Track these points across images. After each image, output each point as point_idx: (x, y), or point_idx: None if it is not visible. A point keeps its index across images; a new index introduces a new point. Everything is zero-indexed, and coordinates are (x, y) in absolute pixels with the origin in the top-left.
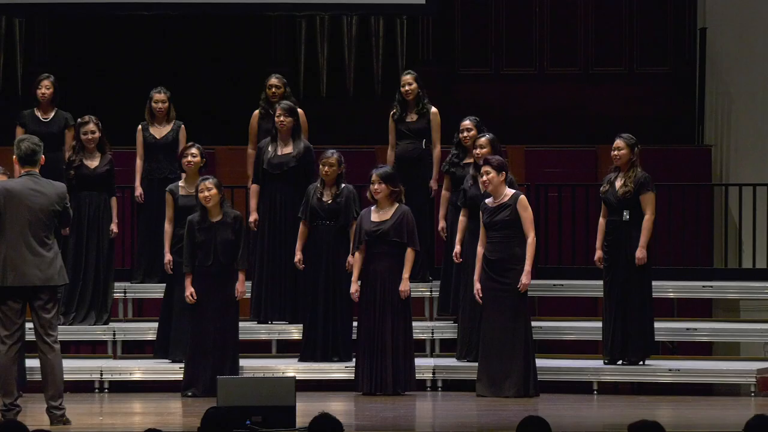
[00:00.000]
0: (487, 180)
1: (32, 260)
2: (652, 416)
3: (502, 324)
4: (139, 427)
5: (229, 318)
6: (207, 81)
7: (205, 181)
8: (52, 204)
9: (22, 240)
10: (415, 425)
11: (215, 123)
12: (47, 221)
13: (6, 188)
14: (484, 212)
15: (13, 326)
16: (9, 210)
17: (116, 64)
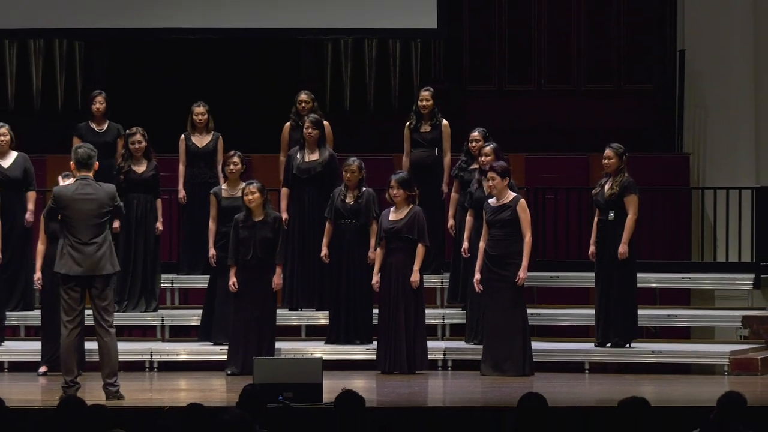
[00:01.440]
0: (492, 184)
1: (86, 253)
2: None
3: (502, 312)
4: (184, 402)
5: (267, 306)
6: (244, 96)
7: (250, 185)
8: (102, 204)
9: (77, 236)
10: (428, 400)
11: (251, 133)
12: (99, 219)
13: (60, 192)
14: (487, 211)
15: (73, 312)
16: (67, 211)
17: (163, 81)
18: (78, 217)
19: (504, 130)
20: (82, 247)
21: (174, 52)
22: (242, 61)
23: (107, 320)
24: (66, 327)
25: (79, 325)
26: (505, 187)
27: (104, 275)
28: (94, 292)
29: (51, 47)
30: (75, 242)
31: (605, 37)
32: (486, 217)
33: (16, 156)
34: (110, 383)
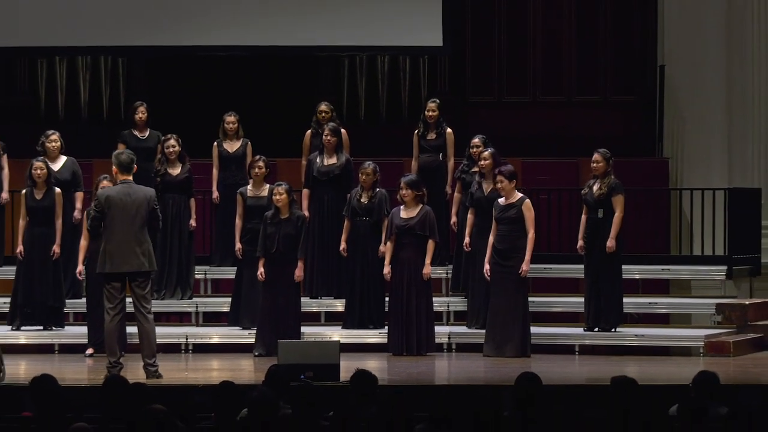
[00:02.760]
0: (500, 186)
1: (126, 252)
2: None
3: (506, 299)
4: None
5: (290, 295)
6: (269, 106)
7: (279, 186)
8: (142, 206)
9: (119, 236)
10: (435, 379)
11: (277, 140)
12: (139, 220)
13: (107, 195)
14: (496, 209)
15: (115, 300)
16: (109, 212)
17: (197, 92)
18: (120, 218)
19: (503, 138)
20: (120, 247)
21: (207, 68)
22: (268, 75)
23: (146, 307)
24: (109, 313)
25: (120, 311)
26: (513, 189)
27: (145, 272)
28: (134, 283)
29: (97, 63)
30: (114, 241)
31: (593, 54)
32: (495, 214)
33: (66, 160)
34: (150, 363)
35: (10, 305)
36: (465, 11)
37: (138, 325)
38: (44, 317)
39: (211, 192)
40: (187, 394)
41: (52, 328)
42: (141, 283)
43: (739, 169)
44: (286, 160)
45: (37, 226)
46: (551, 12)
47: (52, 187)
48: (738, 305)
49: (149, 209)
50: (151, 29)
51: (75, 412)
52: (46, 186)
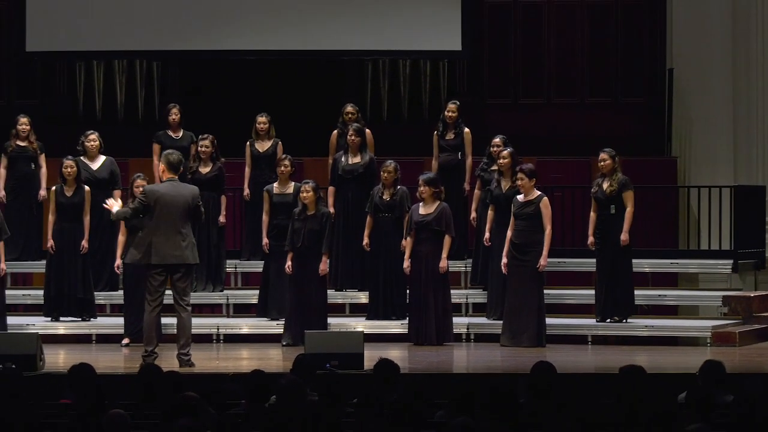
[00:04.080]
0: (521, 183)
1: (170, 245)
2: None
3: (522, 291)
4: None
5: (315, 287)
6: (298, 108)
7: (306, 184)
8: (187, 203)
9: (164, 229)
10: (453, 368)
11: (304, 139)
12: (183, 216)
13: (155, 190)
14: (515, 205)
15: (156, 293)
16: (156, 207)
17: (229, 94)
18: (166, 213)
19: (518, 137)
20: (166, 240)
21: (238, 71)
22: (296, 78)
23: (185, 300)
24: (149, 305)
25: (160, 303)
26: (532, 186)
27: (187, 264)
28: (175, 276)
29: (133, 66)
30: (161, 235)
31: (605, 58)
32: (513, 210)
33: (104, 159)
34: (183, 353)
35: (44, 297)
36: (483, 18)
37: (176, 316)
38: (75, 309)
39: (242, 189)
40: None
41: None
42: (182, 276)
43: (744, 167)
44: (313, 159)
45: (66, 222)
46: (564, 19)
47: (82, 185)
48: (743, 297)
49: (193, 206)
50: (184, 34)
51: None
52: (76, 184)
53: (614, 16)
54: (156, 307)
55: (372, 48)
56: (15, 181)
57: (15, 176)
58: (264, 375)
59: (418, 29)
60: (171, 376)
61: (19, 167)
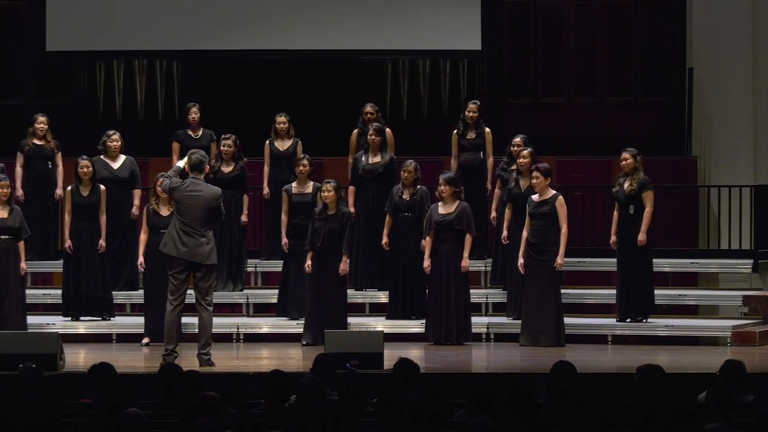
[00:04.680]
0: (536, 182)
1: (188, 242)
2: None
3: (540, 291)
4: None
5: (335, 287)
6: (317, 107)
7: (327, 183)
8: (209, 202)
9: (184, 226)
10: (473, 367)
11: (324, 139)
12: (204, 215)
13: (174, 186)
14: (530, 205)
15: (177, 293)
16: (177, 203)
17: (249, 94)
18: (186, 210)
19: (538, 137)
20: (186, 236)
21: (258, 70)
22: (316, 77)
23: (207, 300)
24: (171, 304)
25: (181, 303)
26: (547, 185)
27: (208, 264)
28: (197, 276)
29: (153, 66)
30: (181, 230)
31: (625, 57)
32: (528, 210)
33: (125, 159)
34: (203, 352)
35: (63, 297)
36: (502, 17)
37: (198, 316)
38: (95, 308)
39: (261, 189)
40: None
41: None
42: (203, 277)
43: (764, 166)
44: (333, 158)
45: (83, 222)
46: (584, 18)
47: (97, 184)
48: (763, 297)
49: (213, 206)
50: (204, 34)
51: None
52: (91, 183)
53: (634, 15)
54: (177, 306)
55: (392, 47)
56: (32, 180)
57: (32, 175)
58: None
59: (438, 29)
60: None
61: (36, 166)
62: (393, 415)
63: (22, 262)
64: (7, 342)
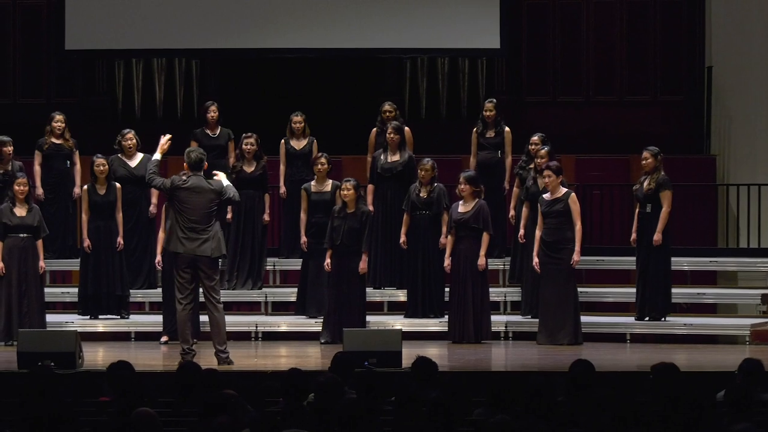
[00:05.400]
0: (547, 181)
1: (191, 237)
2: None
3: (557, 290)
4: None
5: (354, 285)
6: (336, 106)
7: (347, 182)
8: (208, 198)
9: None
10: (491, 365)
11: (343, 137)
12: (205, 210)
13: (174, 183)
14: (542, 204)
15: (185, 291)
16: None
17: (266, 93)
18: (187, 207)
19: (557, 135)
20: (188, 232)
21: (275, 69)
22: (334, 76)
23: (215, 297)
24: (180, 303)
25: (192, 301)
26: (559, 184)
27: (208, 258)
28: (201, 274)
29: (171, 65)
30: (183, 227)
31: (643, 56)
32: (541, 209)
33: (142, 157)
34: (221, 350)
35: (79, 295)
36: (521, 16)
37: (209, 314)
38: (114, 306)
39: (278, 187)
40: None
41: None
42: (208, 273)
43: None
44: (352, 157)
45: (101, 220)
46: (603, 16)
47: (113, 182)
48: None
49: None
50: (222, 33)
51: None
52: (107, 182)
53: (653, 13)
54: (187, 305)
55: (411, 46)
56: (52, 179)
57: (51, 174)
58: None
59: (457, 27)
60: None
61: (55, 165)
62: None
63: (40, 260)
64: (26, 340)
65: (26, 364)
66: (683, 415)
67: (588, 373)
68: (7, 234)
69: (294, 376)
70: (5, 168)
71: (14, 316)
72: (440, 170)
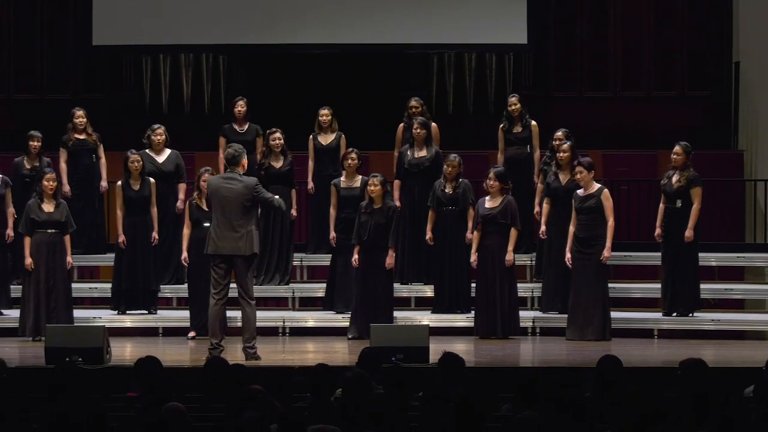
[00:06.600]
0: (580, 177)
1: (225, 235)
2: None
3: (587, 285)
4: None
5: (380, 281)
6: (363, 101)
7: (374, 177)
8: (241, 194)
9: (218, 221)
10: (519, 361)
11: (370, 133)
12: (238, 207)
13: (209, 182)
14: (576, 200)
15: (219, 286)
16: (212, 198)
17: (294, 88)
18: (221, 204)
19: (584, 131)
20: (223, 230)
21: (304, 64)
22: (361, 71)
23: (249, 294)
24: (213, 298)
25: (224, 297)
26: (591, 179)
27: (243, 255)
28: (236, 269)
29: (199, 60)
30: (217, 225)
31: (671, 51)
32: (575, 205)
33: (170, 153)
34: (249, 346)
35: (113, 291)
36: (548, 11)
37: (241, 310)
38: (149, 301)
39: (306, 183)
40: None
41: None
42: (242, 269)
43: None
44: (379, 152)
45: (136, 216)
46: (630, 12)
47: (147, 177)
48: None
49: (250, 197)
50: (250, 28)
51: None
52: (141, 177)
53: (680, 8)
54: (219, 300)
55: (438, 41)
56: (78, 175)
57: (78, 170)
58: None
59: (484, 23)
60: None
61: (81, 161)
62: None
63: (68, 255)
64: (53, 336)
65: (54, 359)
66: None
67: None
68: (35, 230)
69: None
70: (33, 163)
71: (42, 311)
72: (467, 166)
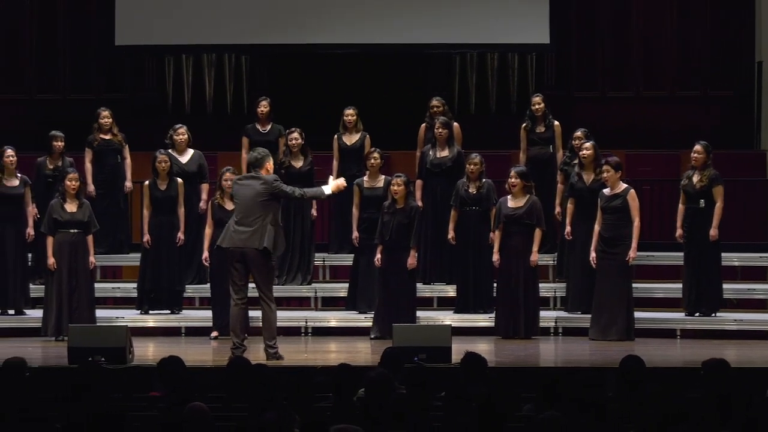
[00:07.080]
0: (606, 176)
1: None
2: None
3: (611, 285)
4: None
5: (402, 281)
6: (385, 101)
7: (397, 177)
8: (257, 192)
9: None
10: (541, 361)
11: (393, 133)
12: (255, 203)
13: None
14: (602, 199)
15: (237, 287)
16: (234, 198)
17: (318, 88)
18: (238, 201)
19: (607, 131)
20: (238, 226)
21: (326, 64)
22: (384, 71)
23: (268, 294)
24: (233, 300)
25: (243, 297)
26: (618, 179)
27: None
28: (253, 269)
29: (221, 60)
30: (235, 221)
31: (693, 51)
32: (600, 204)
33: (193, 153)
34: (270, 346)
35: (138, 291)
36: (570, 11)
37: (261, 311)
38: (172, 301)
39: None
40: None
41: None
42: (258, 267)
43: None
44: (401, 152)
45: (162, 215)
46: (652, 12)
47: (174, 177)
48: None
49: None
50: (272, 28)
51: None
52: (168, 177)
53: (703, 8)
54: (239, 301)
55: (460, 41)
56: (104, 175)
57: (104, 170)
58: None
59: (506, 22)
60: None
61: (107, 161)
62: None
63: (91, 255)
64: (76, 335)
65: (77, 359)
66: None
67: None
68: (58, 229)
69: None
70: (56, 163)
71: (65, 311)
72: (489, 165)
